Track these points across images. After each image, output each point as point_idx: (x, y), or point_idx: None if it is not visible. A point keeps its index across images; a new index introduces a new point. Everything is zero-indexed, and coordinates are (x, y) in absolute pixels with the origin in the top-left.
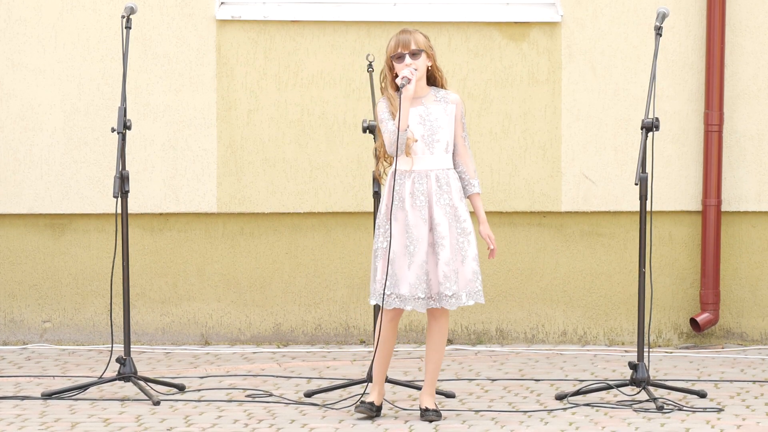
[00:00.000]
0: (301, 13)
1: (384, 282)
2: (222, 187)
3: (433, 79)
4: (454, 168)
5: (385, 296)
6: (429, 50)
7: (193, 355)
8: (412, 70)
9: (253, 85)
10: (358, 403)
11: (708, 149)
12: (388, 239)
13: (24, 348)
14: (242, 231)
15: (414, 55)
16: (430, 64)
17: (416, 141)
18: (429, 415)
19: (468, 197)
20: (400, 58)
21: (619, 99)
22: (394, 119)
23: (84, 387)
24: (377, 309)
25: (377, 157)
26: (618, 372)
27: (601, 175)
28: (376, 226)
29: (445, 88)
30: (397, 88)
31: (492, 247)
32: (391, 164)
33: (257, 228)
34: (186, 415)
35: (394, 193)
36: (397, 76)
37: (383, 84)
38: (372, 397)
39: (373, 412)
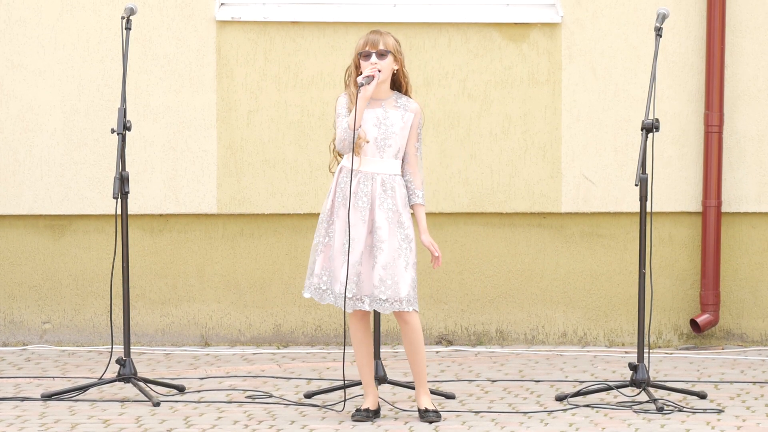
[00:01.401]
0: (301, 15)
1: (345, 281)
2: (222, 188)
3: (398, 84)
4: (402, 176)
5: (322, 291)
6: (397, 54)
7: (193, 356)
8: (375, 71)
9: (253, 86)
10: (354, 411)
11: (708, 150)
12: (346, 236)
13: (24, 349)
14: (242, 232)
15: (381, 55)
16: (396, 68)
17: (368, 142)
18: (429, 415)
19: (411, 206)
20: (367, 56)
21: (619, 100)
22: (350, 115)
23: (84, 388)
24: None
25: (333, 151)
26: (618, 373)
27: (601, 176)
28: (319, 221)
29: (408, 95)
30: (358, 87)
31: (437, 254)
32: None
33: (257, 229)
34: (186, 416)
35: (338, 190)
36: (361, 74)
37: (347, 81)
38: (367, 404)
39: (370, 418)
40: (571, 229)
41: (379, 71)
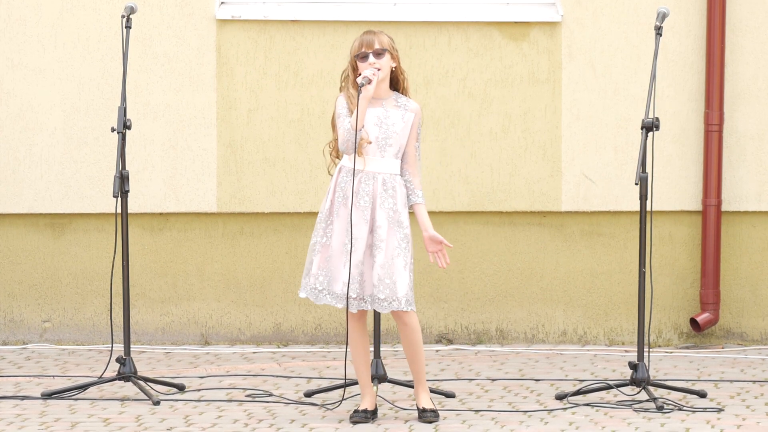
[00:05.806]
0: (301, 13)
1: (348, 282)
2: (222, 187)
3: (396, 81)
4: (401, 176)
5: (318, 291)
6: (393, 51)
7: (193, 354)
8: (374, 70)
9: (253, 85)
10: (352, 412)
11: (708, 149)
12: (348, 236)
13: (24, 348)
14: (242, 231)
15: (378, 54)
16: (394, 65)
17: (370, 143)
18: (427, 415)
19: (411, 206)
20: (364, 57)
21: (620, 99)
22: (351, 116)
23: (84, 387)
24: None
25: (330, 154)
26: (618, 372)
27: (601, 175)
28: (317, 221)
29: (407, 93)
30: (359, 87)
31: (440, 248)
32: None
33: (257, 228)
34: (186, 415)
35: (338, 189)
36: (359, 75)
37: (344, 84)
38: (365, 404)
39: (368, 419)
40: (571, 227)
41: (378, 69)
